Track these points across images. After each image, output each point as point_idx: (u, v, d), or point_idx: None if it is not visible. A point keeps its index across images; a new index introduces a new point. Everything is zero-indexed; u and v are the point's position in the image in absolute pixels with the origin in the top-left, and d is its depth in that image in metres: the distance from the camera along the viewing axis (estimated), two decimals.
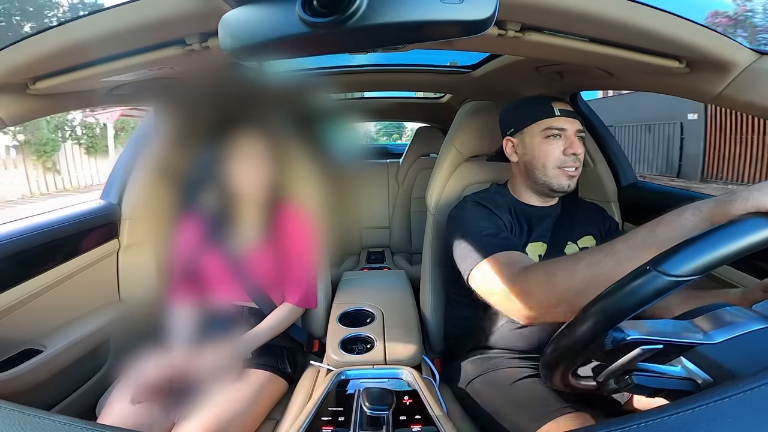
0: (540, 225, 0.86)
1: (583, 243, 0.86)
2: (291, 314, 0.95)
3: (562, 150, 0.82)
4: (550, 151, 0.82)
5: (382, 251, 2.15)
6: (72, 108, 0.88)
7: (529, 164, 0.85)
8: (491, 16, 0.36)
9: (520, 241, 0.83)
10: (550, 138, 0.82)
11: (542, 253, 0.83)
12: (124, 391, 0.74)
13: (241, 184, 0.88)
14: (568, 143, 0.81)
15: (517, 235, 0.84)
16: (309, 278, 0.98)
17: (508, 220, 0.84)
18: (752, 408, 0.28)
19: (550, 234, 0.85)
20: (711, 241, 0.36)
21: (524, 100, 0.90)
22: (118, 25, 0.53)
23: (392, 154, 2.50)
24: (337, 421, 0.64)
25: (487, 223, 0.80)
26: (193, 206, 0.90)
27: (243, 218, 0.93)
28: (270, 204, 0.92)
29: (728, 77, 0.64)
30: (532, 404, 0.67)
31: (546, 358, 0.46)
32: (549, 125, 0.82)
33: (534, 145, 0.83)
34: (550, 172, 0.83)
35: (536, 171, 0.84)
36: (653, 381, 0.41)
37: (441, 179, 1.10)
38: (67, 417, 0.33)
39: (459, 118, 1.10)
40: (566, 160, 0.82)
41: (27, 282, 0.90)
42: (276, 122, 0.86)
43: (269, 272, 0.92)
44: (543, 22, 0.58)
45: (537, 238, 0.84)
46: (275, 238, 0.92)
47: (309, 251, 0.96)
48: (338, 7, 0.35)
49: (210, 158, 0.86)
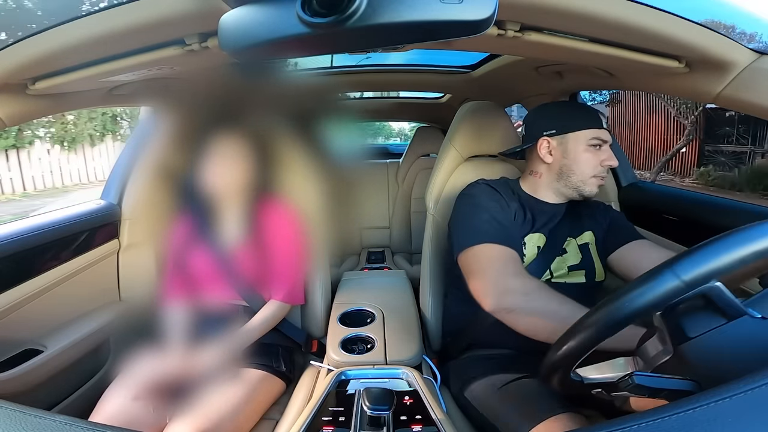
0: (545, 219, 0.89)
1: (582, 239, 0.89)
2: (279, 311, 0.95)
3: (601, 161, 0.85)
4: (592, 160, 0.85)
5: (383, 251, 2.15)
6: (72, 108, 0.88)
7: (566, 167, 0.87)
8: (491, 16, 0.36)
9: (523, 229, 0.87)
10: (594, 147, 0.85)
11: (541, 244, 0.87)
12: (118, 389, 0.74)
13: (215, 182, 0.88)
14: (607, 155, 0.86)
15: (520, 223, 0.87)
16: (294, 274, 0.98)
17: (516, 208, 0.88)
18: (752, 408, 0.28)
19: (552, 228, 0.88)
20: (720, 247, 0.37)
21: (570, 105, 0.94)
22: (118, 25, 0.53)
23: (392, 154, 2.50)
24: (337, 421, 0.64)
25: (496, 206, 0.85)
26: (183, 205, 0.91)
27: (226, 216, 0.94)
28: (251, 201, 0.92)
29: (728, 77, 0.64)
30: (527, 405, 0.68)
31: (547, 360, 0.47)
32: (596, 135, 0.85)
33: (578, 151, 0.86)
34: (587, 180, 0.86)
35: (572, 176, 0.86)
36: (653, 381, 0.41)
37: (440, 179, 1.10)
38: (67, 417, 0.33)
39: (458, 118, 1.10)
40: (602, 171, 0.86)
41: (27, 282, 0.90)
42: (256, 122, 0.86)
43: (255, 269, 0.93)
44: (542, 22, 0.58)
45: (538, 230, 0.88)
46: (258, 236, 0.92)
47: (293, 247, 0.96)
48: (338, 7, 0.35)
49: (194, 157, 0.86)
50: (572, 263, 0.86)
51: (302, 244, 0.97)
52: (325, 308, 1.08)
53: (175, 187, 0.89)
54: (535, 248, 0.86)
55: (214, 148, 0.86)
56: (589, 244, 0.89)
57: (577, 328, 0.43)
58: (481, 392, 0.78)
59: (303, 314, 1.08)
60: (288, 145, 0.89)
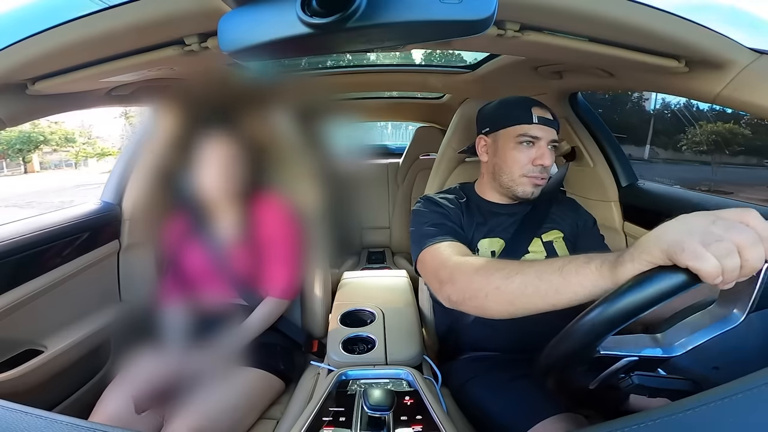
0: (500, 222, 0.85)
1: (547, 237, 0.84)
2: (276, 307, 0.95)
3: (532, 159, 0.80)
4: (520, 158, 0.80)
5: (383, 251, 2.15)
6: (72, 108, 0.88)
7: (497, 167, 0.84)
8: (491, 16, 0.36)
9: (475, 234, 0.83)
10: (522, 145, 0.80)
11: (497, 249, 0.82)
12: (117, 390, 0.75)
13: (207, 183, 0.88)
14: (539, 153, 0.79)
15: (467, 229, 0.83)
16: (288, 270, 0.98)
17: (458, 215, 0.83)
18: (752, 408, 0.28)
19: (513, 231, 0.84)
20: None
21: (505, 101, 0.87)
22: (118, 25, 0.53)
23: (392, 154, 2.50)
24: (338, 421, 0.64)
25: (433, 215, 0.80)
26: (179, 204, 0.91)
27: (220, 215, 0.94)
28: (244, 199, 0.93)
29: (727, 77, 0.64)
30: (525, 405, 0.67)
31: (541, 361, 0.47)
32: (524, 132, 0.80)
33: (506, 149, 0.82)
34: (517, 180, 0.81)
35: (503, 175, 0.83)
36: (653, 381, 0.42)
37: (440, 179, 1.10)
38: (68, 417, 0.33)
39: (457, 118, 1.10)
40: (533, 170, 0.80)
41: (28, 283, 0.90)
42: (250, 122, 0.86)
43: (251, 266, 0.93)
44: (542, 22, 0.58)
45: (494, 234, 0.83)
46: (252, 232, 0.92)
47: (287, 242, 0.96)
48: (337, 8, 0.35)
49: (188, 158, 0.87)
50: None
51: (296, 238, 0.97)
52: (326, 308, 1.08)
53: (172, 187, 0.89)
54: (489, 253, 0.82)
55: (206, 149, 0.86)
56: (553, 241, 0.84)
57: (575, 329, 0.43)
58: (479, 392, 0.78)
59: (303, 314, 1.08)
60: (286, 145, 0.89)
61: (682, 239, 0.37)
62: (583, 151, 1.25)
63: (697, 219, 0.39)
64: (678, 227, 0.39)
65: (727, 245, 0.36)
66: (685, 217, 0.40)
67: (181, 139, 0.85)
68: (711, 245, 0.36)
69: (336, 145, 0.90)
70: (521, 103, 0.83)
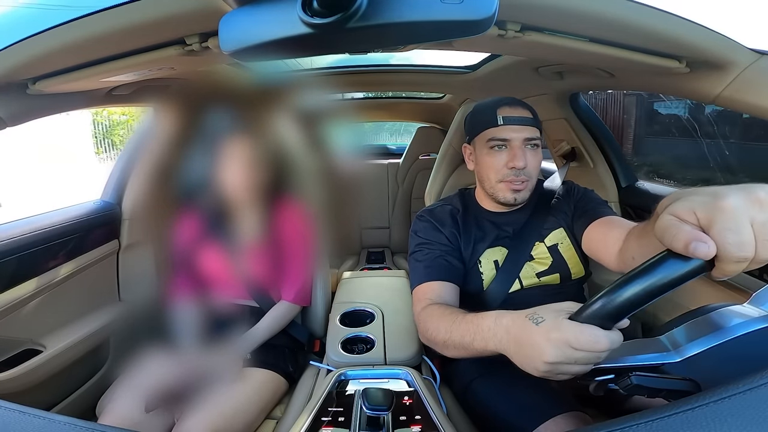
0: (501, 230, 0.83)
1: (550, 240, 0.82)
2: (288, 312, 0.95)
3: (506, 162, 0.76)
4: (494, 163, 0.77)
5: (382, 251, 2.15)
6: (72, 108, 0.88)
7: (479, 175, 0.83)
8: (491, 16, 0.36)
9: (475, 248, 0.82)
10: (494, 149, 0.77)
11: (500, 258, 0.80)
12: (127, 392, 0.74)
13: (228, 184, 0.87)
14: (511, 155, 0.76)
15: (465, 247, 0.82)
16: (305, 275, 0.98)
17: (454, 235, 0.82)
18: (752, 408, 0.28)
19: (514, 237, 0.82)
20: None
21: (477, 106, 0.84)
22: (118, 25, 0.53)
23: (392, 154, 2.50)
24: (337, 421, 0.64)
25: (426, 247, 0.81)
26: (191, 205, 0.90)
27: (239, 216, 0.93)
28: (265, 202, 0.92)
29: (728, 77, 0.64)
30: (531, 404, 0.67)
31: None
32: (492, 135, 0.77)
33: (481, 156, 0.80)
34: (495, 186, 0.79)
35: (485, 183, 0.81)
36: (653, 381, 0.41)
37: (440, 179, 1.10)
38: (67, 417, 0.33)
39: (458, 118, 1.10)
40: (508, 174, 0.76)
41: (27, 282, 0.90)
42: (267, 123, 0.86)
43: (267, 269, 0.93)
44: (543, 22, 0.57)
45: (496, 244, 0.82)
46: (272, 236, 0.92)
47: (305, 249, 0.96)
48: (338, 8, 0.35)
49: (203, 158, 0.86)
50: (541, 270, 0.80)
51: (313, 245, 0.97)
52: (325, 308, 1.08)
53: (177, 187, 0.89)
54: (492, 264, 0.81)
55: (228, 148, 0.85)
56: (558, 244, 0.82)
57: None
58: (485, 392, 0.78)
59: (304, 314, 1.08)
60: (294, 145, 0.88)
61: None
62: (583, 152, 1.25)
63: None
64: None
65: None
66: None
67: (192, 138, 0.84)
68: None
69: (336, 144, 0.89)
70: (489, 106, 0.80)
